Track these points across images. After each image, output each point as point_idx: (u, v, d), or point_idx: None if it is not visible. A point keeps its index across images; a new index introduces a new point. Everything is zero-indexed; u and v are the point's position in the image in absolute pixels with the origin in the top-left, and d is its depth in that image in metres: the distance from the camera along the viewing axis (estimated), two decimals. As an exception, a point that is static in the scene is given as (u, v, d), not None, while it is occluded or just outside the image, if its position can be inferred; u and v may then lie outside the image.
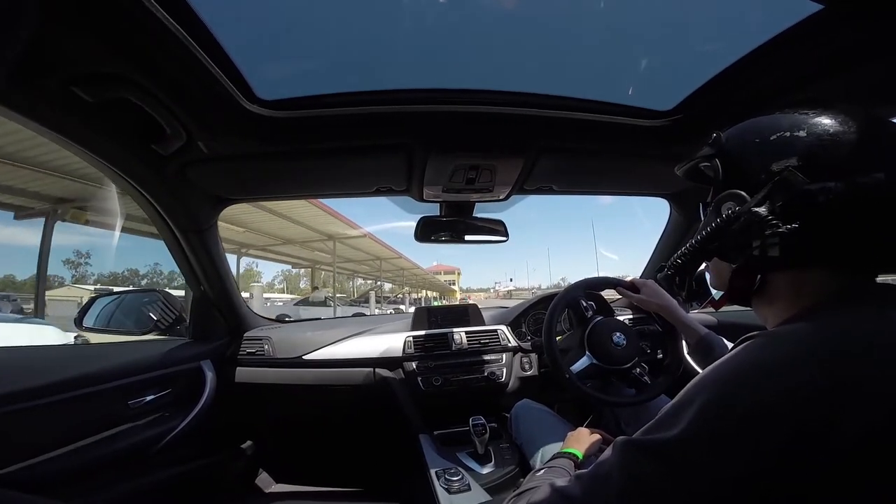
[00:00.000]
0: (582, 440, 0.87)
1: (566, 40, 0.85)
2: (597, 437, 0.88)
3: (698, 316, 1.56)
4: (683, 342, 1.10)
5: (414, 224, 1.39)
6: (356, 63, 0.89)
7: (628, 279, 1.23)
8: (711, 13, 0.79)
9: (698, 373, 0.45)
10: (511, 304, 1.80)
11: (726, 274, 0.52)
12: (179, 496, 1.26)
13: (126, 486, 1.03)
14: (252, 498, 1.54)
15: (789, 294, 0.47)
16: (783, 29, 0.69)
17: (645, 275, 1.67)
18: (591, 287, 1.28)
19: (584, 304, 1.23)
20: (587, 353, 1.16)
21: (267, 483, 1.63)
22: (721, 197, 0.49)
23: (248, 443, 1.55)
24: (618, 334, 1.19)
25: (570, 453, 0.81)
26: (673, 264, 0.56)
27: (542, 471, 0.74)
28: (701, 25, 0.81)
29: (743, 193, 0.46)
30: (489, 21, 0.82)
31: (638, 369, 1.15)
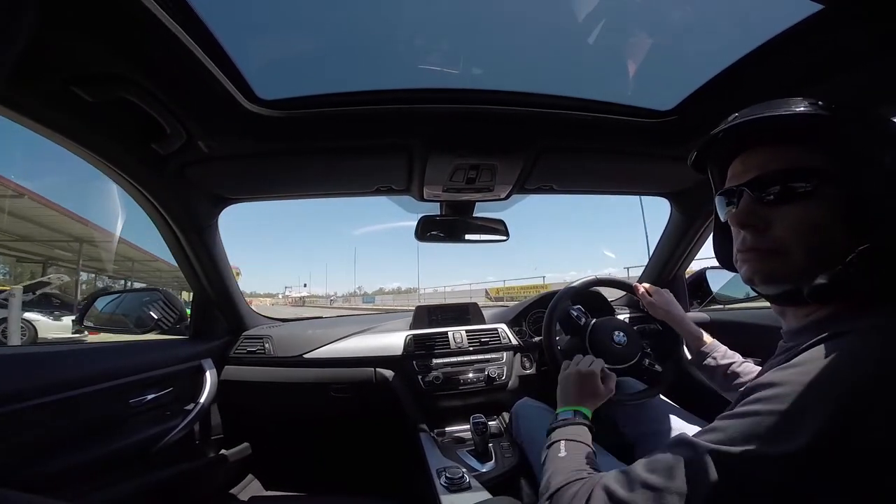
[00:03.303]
0: (587, 391, 0.85)
1: (566, 40, 0.85)
2: (593, 373, 0.89)
3: (693, 315, 1.56)
4: (685, 347, 1.11)
5: (413, 224, 1.39)
6: (356, 62, 0.89)
7: (643, 285, 1.24)
8: (711, 13, 0.79)
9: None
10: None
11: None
12: (179, 495, 1.26)
13: (127, 485, 1.03)
14: (253, 500, 1.54)
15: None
16: (783, 29, 0.69)
17: (646, 273, 1.67)
18: (580, 291, 1.28)
19: (575, 314, 1.24)
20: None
21: (263, 483, 1.63)
22: None
23: (245, 444, 1.54)
24: (617, 333, 1.20)
25: (582, 413, 0.79)
26: None
27: (564, 451, 0.68)
28: (701, 25, 0.81)
29: None
30: (489, 21, 0.82)
31: (647, 360, 1.18)
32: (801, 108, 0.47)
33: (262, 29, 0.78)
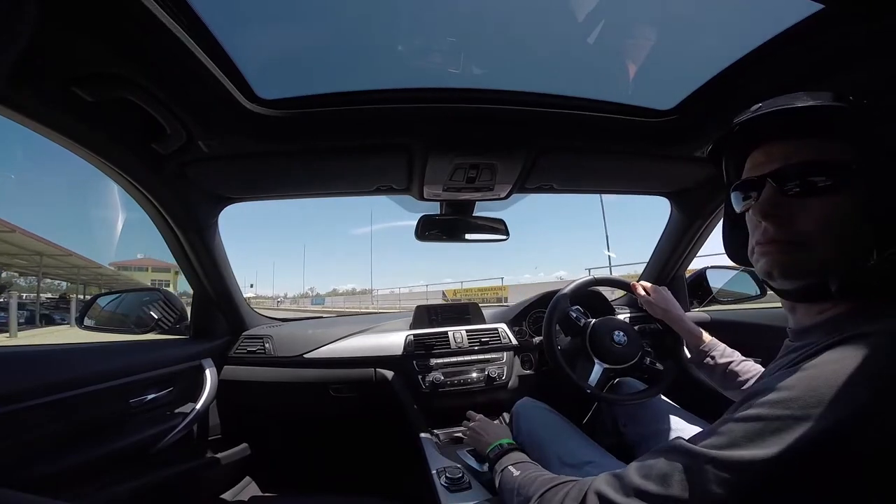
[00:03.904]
0: (495, 430, 0.99)
1: (566, 39, 0.85)
2: (484, 419, 1.08)
3: (693, 314, 1.56)
4: (685, 346, 1.11)
5: (414, 223, 1.39)
6: (356, 62, 0.89)
7: (641, 283, 1.24)
8: (711, 13, 0.79)
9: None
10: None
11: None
12: (179, 496, 1.26)
13: (127, 485, 1.03)
14: (253, 499, 1.54)
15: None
16: (783, 29, 0.69)
17: (646, 272, 1.67)
18: (579, 292, 1.28)
19: (574, 315, 1.24)
20: (596, 360, 1.18)
21: (261, 483, 1.63)
22: None
23: (244, 445, 1.54)
24: (617, 333, 1.20)
25: (506, 443, 0.90)
26: None
27: (516, 471, 0.72)
28: (701, 25, 0.81)
29: None
30: (489, 20, 0.82)
31: (648, 359, 1.18)
32: (832, 101, 0.46)
33: (262, 28, 0.78)
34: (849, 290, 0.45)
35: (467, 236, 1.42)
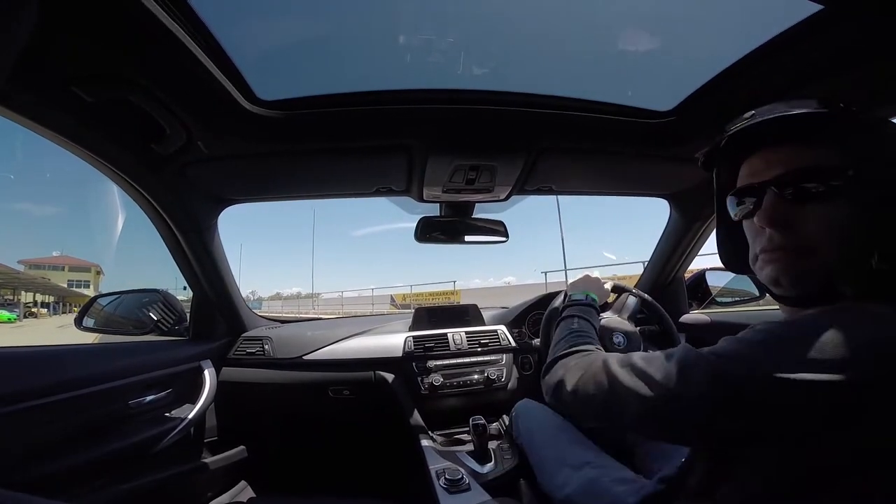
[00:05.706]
0: (594, 285, 1.03)
1: (566, 40, 0.85)
2: (598, 278, 1.07)
3: (692, 316, 1.56)
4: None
5: (413, 225, 1.39)
6: (356, 63, 0.89)
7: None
8: (712, 13, 0.79)
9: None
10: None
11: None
12: (178, 496, 1.26)
13: (126, 485, 1.02)
14: (252, 501, 1.53)
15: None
16: (783, 29, 0.69)
17: (645, 274, 1.67)
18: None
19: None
20: None
21: (258, 485, 1.62)
22: None
23: (241, 447, 1.54)
24: (616, 335, 1.20)
25: (591, 298, 0.96)
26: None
27: (576, 324, 0.84)
28: (701, 26, 0.81)
29: None
30: (489, 21, 0.82)
31: (649, 328, 1.18)
32: (824, 108, 0.47)
33: (262, 29, 0.78)
34: (857, 294, 0.46)
35: (467, 238, 1.42)
